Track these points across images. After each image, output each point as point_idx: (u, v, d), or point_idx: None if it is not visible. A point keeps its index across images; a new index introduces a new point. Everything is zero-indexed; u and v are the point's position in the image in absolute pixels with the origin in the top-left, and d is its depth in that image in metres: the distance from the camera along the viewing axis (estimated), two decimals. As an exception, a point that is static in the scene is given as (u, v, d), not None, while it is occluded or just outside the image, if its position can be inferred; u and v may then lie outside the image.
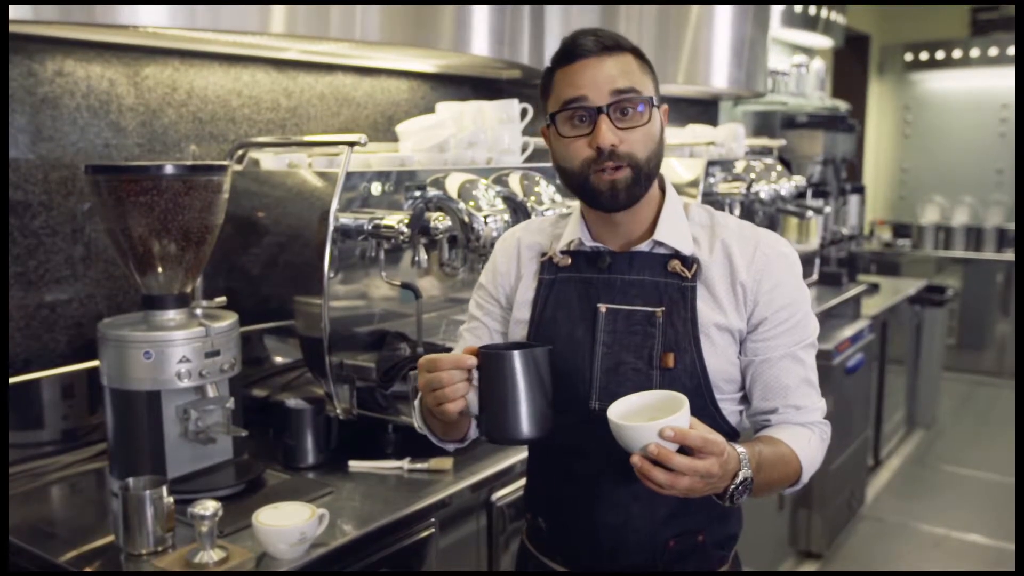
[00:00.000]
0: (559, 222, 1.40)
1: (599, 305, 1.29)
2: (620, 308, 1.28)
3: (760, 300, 1.26)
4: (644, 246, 1.29)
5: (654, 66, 1.29)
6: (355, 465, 1.77)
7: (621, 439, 1.09)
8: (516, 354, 1.17)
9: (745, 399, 1.32)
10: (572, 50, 1.22)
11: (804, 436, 1.29)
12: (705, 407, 1.26)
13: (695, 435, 1.06)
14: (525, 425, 1.17)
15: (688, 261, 1.27)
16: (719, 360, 1.26)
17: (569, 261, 1.33)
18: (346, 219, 1.75)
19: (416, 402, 1.42)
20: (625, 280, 1.29)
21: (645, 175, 1.24)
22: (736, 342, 1.28)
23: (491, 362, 1.17)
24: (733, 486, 1.12)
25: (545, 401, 1.19)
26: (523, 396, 1.17)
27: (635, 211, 1.27)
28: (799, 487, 1.30)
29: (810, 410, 1.30)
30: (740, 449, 1.14)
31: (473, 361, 1.19)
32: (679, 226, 1.29)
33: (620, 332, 1.27)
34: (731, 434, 1.31)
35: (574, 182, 1.26)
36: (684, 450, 1.08)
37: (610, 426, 1.10)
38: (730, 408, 1.31)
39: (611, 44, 1.21)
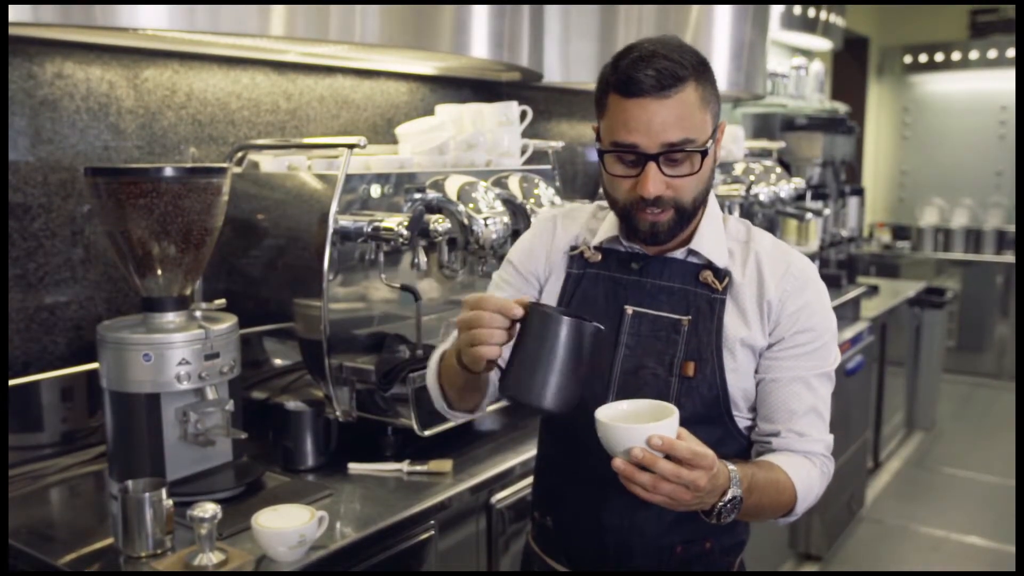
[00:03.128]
0: (598, 213, 1.38)
1: (626, 307, 1.28)
2: (647, 312, 1.27)
3: (782, 320, 1.25)
4: (679, 253, 1.28)
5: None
6: (354, 467, 1.77)
7: (607, 441, 1.07)
8: (566, 320, 1.10)
9: None
10: (629, 83, 1.15)
11: (803, 466, 1.24)
12: (720, 418, 1.26)
13: (683, 447, 1.03)
14: (550, 394, 1.10)
15: (721, 273, 1.26)
16: (740, 376, 1.25)
17: (600, 257, 1.32)
18: (345, 221, 1.75)
19: (434, 359, 1.36)
20: (655, 285, 1.28)
21: (689, 215, 1.23)
22: (757, 359, 1.26)
23: (539, 319, 1.11)
24: (721, 503, 1.10)
25: (576, 378, 1.11)
26: (559, 364, 1.09)
27: None
28: (792, 518, 1.27)
29: (814, 440, 1.26)
30: (731, 467, 1.11)
31: (519, 311, 1.12)
32: (716, 237, 1.28)
33: (644, 336, 1.27)
34: (745, 447, 1.31)
35: (618, 212, 1.26)
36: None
37: (596, 427, 1.07)
38: (745, 423, 1.29)
39: (670, 82, 1.14)
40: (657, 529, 1.28)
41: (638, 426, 1.05)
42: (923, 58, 6.87)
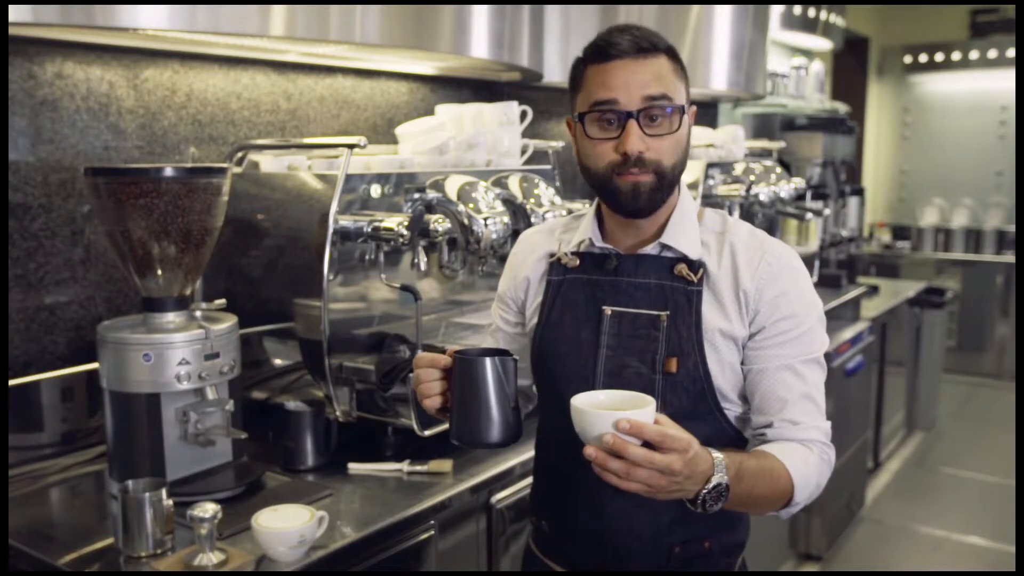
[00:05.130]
0: (572, 223, 1.40)
1: (604, 307, 1.28)
2: (625, 311, 1.27)
3: (761, 309, 1.24)
4: (651, 249, 1.28)
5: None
6: (355, 467, 1.77)
7: (580, 427, 1.07)
8: (485, 360, 1.19)
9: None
10: (606, 48, 1.19)
11: (799, 453, 1.22)
12: (709, 412, 1.25)
13: (653, 429, 1.02)
14: (494, 430, 1.20)
15: (695, 265, 1.26)
16: (722, 367, 1.25)
17: (578, 262, 1.33)
18: (346, 221, 1.75)
19: None
20: (631, 283, 1.28)
21: (669, 182, 1.23)
22: (739, 350, 1.26)
23: (461, 366, 1.20)
24: (705, 490, 1.07)
25: (508, 409, 1.20)
26: (491, 401, 1.19)
27: (654, 214, 1.27)
28: (794, 509, 1.24)
29: (808, 427, 1.24)
30: (716, 454, 1.09)
31: (446, 361, 1.23)
32: (687, 230, 1.28)
33: (625, 335, 1.27)
34: (737, 440, 1.30)
35: (597, 182, 1.25)
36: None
37: (571, 414, 1.08)
38: (735, 414, 1.28)
39: (647, 45, 1.19)
40: (654, 531, 1.28)
41: (610, 412, 1.04)
42: (923, 58, 6.87)
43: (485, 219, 1.91)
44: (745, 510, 1.25)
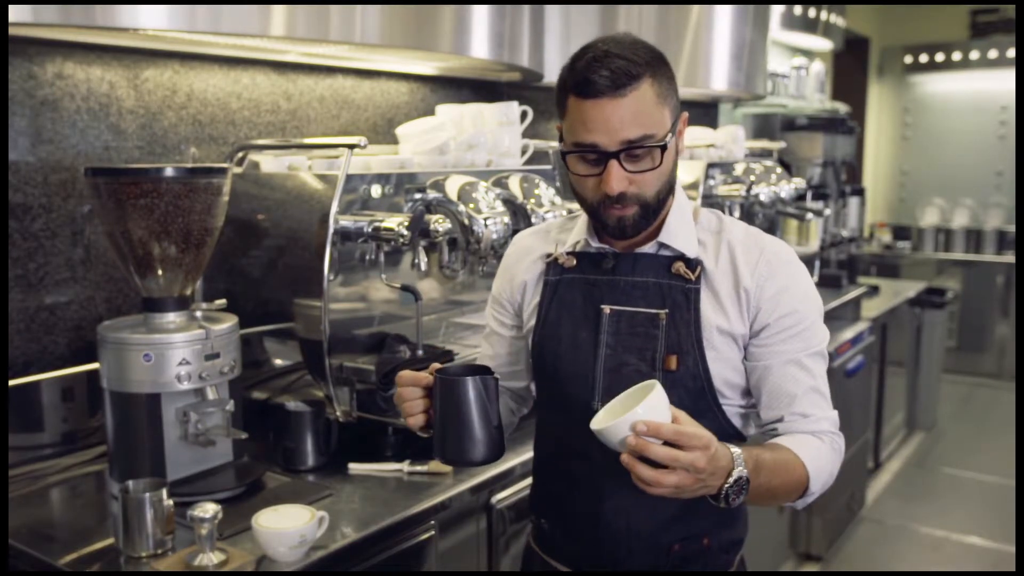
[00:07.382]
0: (567, 223, 1.41)
1: (603, 306, 1.29)
2: (624, 310, 1.28)
3: (763, 306, 1.25)
4: (648, 248, 1.29)
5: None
6: (355, 468, 1.77)
7: (607, 444, 1.08)
8: (467, 380, 1.19)
9: (753, 404, 1.31)
10: (585, 84, 1.17)
11: (812, 444, 1.24)
12: (709, 408, 1.26)
13: (668, 429, 1.04)
14: (478, 449, 1.20)
15: (692, 263, 1.27)
16: (721, 364, 1.26)
17: (574, 262, 1.33)
18: (346, 221, 1.75)
19: None
20: (629, 281, 1.29)
21: (654, 209, 1.24)
22: (740, 347, 1.26)
23: (442, 386, 1.21)
24: (727, 484, 1.09)
25: (490, 427, 1.21)
26: (473, 420, 1.19)
27: None
28: (809, 499, 1.25)
29: (818, 419, 1.26)
30: (735, 449, 1.11)
31: (427, 380, 1.23)
32: (684, 229, 1.29)
33: (623, 334, 1.27)
34: (736, 438, 1.30)
35: (585, 208, 1.28)
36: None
37: (597, 437, 1.09)
38: (734, 411, 1.29)
39: (625, 81, 1.15)
40: (654, 528, 1.28)
41: (622, 419, 1.05)
42: (923, 58, 6.87)
43: (485, 219, 1.91)
44: (763, 503, 1.26)
